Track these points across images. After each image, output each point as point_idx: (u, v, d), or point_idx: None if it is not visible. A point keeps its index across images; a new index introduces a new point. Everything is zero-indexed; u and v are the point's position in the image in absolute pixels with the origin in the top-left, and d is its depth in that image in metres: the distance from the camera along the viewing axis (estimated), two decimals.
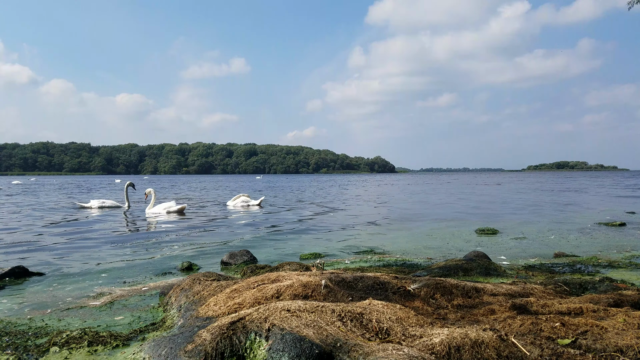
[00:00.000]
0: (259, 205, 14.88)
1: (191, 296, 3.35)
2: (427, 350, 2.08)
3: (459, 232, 8.30)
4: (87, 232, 8.49)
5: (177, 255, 6.05)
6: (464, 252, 5.94)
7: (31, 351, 2.61)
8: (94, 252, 6.34)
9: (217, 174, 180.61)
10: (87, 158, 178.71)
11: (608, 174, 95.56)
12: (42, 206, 15.30)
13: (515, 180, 50.15)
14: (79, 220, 10.77)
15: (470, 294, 3.22)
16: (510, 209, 13.29)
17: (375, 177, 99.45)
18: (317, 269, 4.23)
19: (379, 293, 3.14)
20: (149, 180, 66.17)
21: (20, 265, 4.87)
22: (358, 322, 2.39)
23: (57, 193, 25.41)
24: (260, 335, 2.28)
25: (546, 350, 2.10)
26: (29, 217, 11.57)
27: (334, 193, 24.80)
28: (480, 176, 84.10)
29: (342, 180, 64.37)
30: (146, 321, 3.23)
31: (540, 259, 5.67)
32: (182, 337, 2.41)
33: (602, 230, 8.42)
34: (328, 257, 5.84)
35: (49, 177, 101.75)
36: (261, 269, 4.70)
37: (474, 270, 4.61)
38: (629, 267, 5.05)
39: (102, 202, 14.42)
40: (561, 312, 2.76)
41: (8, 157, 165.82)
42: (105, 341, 2.70)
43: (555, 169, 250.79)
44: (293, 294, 2.94)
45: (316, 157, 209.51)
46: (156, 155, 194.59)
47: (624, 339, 2.18)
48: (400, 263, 5.36)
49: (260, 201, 15.18)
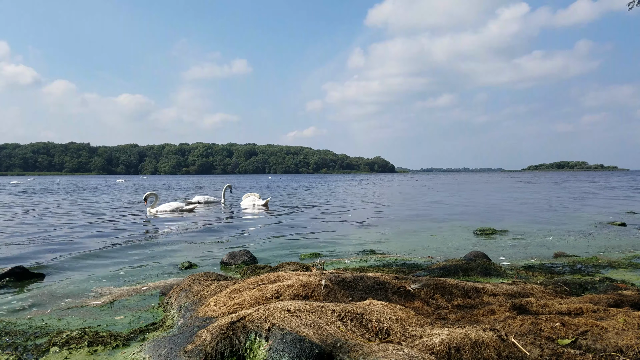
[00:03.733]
0: (265, 206, 14.95)
1: (191, 296, 3.35)
2: (427, 350, 2.08)
3: (459, 232, 8.30)
4: (90, 233, 8.49)
5: (178, 255, 6.05)
6: (463, 252, 5.94)
7: (31, 351, 2.61)
8: (95, 252, 6.34)
9: (217, 174, 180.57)
10: (87, 158, 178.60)
11: (609, 174, 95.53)
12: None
13: (515, 180, 50.15)
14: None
15: (470, 294, 3.22)
16: (510, 209, 13.29)
17: (375, 177, 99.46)
18: (317, 269, 4.23)
19: (379, 293, 3.14)
20: (147, 179, 66.16)
21: (20, 266, 4.87)
22: (358, 322, 2.39)
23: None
24: (260, 336, 2.28)
25: (546, 350, 2.10)
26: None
27: (334, 193, 24.80)
28: (480, 176, 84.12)
29: (343, 180, 64.40)
30: (146, 321, 3.23)
31: (540, 259, 5.66)
32: (182, 337, 2.41)
33: (602, 230, 8.42)
34: (328, 257, 5.84)
35: (49, 177, 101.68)
36: (261, 269, 4.70)
37: (474, 270, 4.61)
38: (629, 267, 5.05)
39: (207, 197, 16.52)
40: (561, 312, 2.76)
41: (8, 157, 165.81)
42: (105, 341, 2.70)
43: (555, 169, 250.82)
44: (293, 294, 2.94)
45: (316, 157, 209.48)
46: (156, 155, 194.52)
47: (624, 339, 2.18)
48: (400, 263, 5.36)
49: (267, 201, 15.25)
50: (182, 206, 12.86)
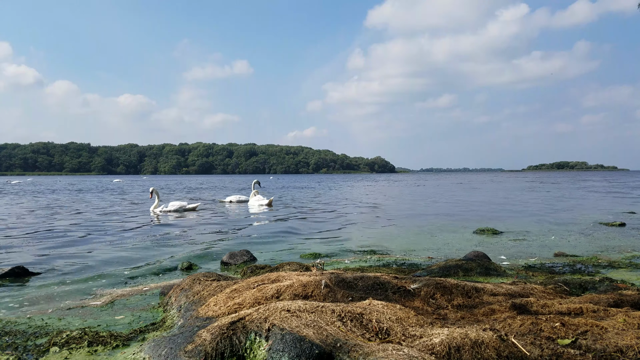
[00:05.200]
0: (269, 205, 14.99)
1: (191, 296, 3.35)
2: (427, 350, 2.08)
3: (459, 232, 8.30)
4: (90, 233, 8.50)
5: (178, 255, 6.05)
6: (464, 252, 5.94)
7: (31, 351, 2.61)
8: (95, 252, 6.34)
9: (218, 174, 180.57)
10: (87, 158, 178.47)
11: (608, 174, 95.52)
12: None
13: (516, 180, 50.15)
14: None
15: (470, 294, 3.22)
16: (510, 209, 13.29)
17: (375, 177, 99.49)
18: (317, 269, 4.23)
19: (379, 293, 3.14)
20: (148, 179, 66.12)
21: (20, 265, 4.87)
22: (358, 322, 2.39)
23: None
24: (260, 336, 2.28)
25: (546, 350, 2.10)
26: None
27: (334, 193, 24.80)
28: (480, 176, 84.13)
29: (343, 180, 64.42)
30: (146, 321, 3.23)
31: (540, 259, 5.66)
32: (182, 337, 2.41)
33: (602, 230, 8.41)
34: (328, 257, 5.84)
35: (48, 178, 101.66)
36: (261, 269, 4.70)
37: (474, 270, 4.61)
38: (629, 267, 5.05)
39: (239, 197, 17.36)
40: (561, 312, 2.76)
41: (8, 157, 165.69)
42: (105, 341, 2.70)
43: (555, 169, 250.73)
44: (293, 294, 2.94)
45: (316, 157, 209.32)
46: (156, 155, 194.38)
47: (624, 339, 2.18)
48: (400, 263, 5.36)
49: (270, 200, 15.31)
50: (184, 205, 12.92)
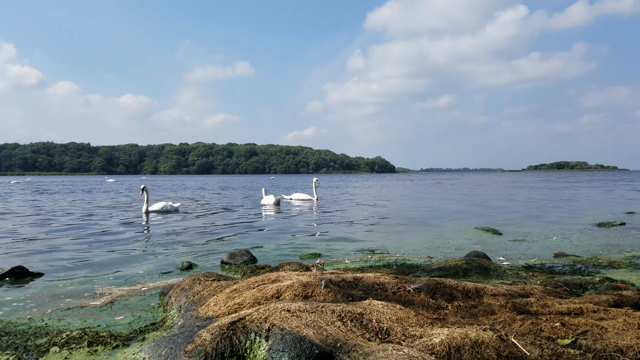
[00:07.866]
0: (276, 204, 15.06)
1: (191, 296, 3.35)
2: (427, 350, 2.08)
3: (459, 232, 8.30)
4: (89, 233, 8.50)
5: (177, 255, 6.05)
6: (464, 252, 5.94)
7: (31, 351, 2.61)
8: (95, 253, 6.34)
9: (217, 174, 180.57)
10: (87, 158, 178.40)
11: (609, 174, 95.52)
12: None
13: (516, 180, 50.15)
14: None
15: (470, 294, 3.22)
16: (510, 209, 13.29)
17: (376, 177, 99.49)
18: (317, 269, 4.23)
19: (379, 293, 3.14)
20: (147, 179, 66.15)
21: (20, 265, 4.87)
22: (358, 322, 2.39)
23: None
24: (260, 336, 2.28)
25: (546, 350, 2.10)
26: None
27: (335, 193, 24.80)
28: (480, 176, 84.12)
29: (343, 180, 64.42)
30: (146, 321, 3.23)
31: (540, 259, 5.66)
32: (182, 337, 2.41)
33: (602, 230, 8.41)
34: (328, 257, 5.84)
35: (48, 178, 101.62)
36: (261, 269, 4.70)
37: (474, 270, 4.61)
38: (629, 267, 5.05)
39: (300, 195, 18.19)
40: (561, 313, 2.76)
41: (8, 157, 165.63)
42: (105, 341, 2.70)
43: (555, 169, 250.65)
44: (293, 294, 2.94)
45: (316, 157, 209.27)
46: (156, 155, 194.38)
47: (624, 339, 2.18)
48: (400, 263, 5.35)
49: (278, 199, 15.48)
50: (169, 204, 13.00)
